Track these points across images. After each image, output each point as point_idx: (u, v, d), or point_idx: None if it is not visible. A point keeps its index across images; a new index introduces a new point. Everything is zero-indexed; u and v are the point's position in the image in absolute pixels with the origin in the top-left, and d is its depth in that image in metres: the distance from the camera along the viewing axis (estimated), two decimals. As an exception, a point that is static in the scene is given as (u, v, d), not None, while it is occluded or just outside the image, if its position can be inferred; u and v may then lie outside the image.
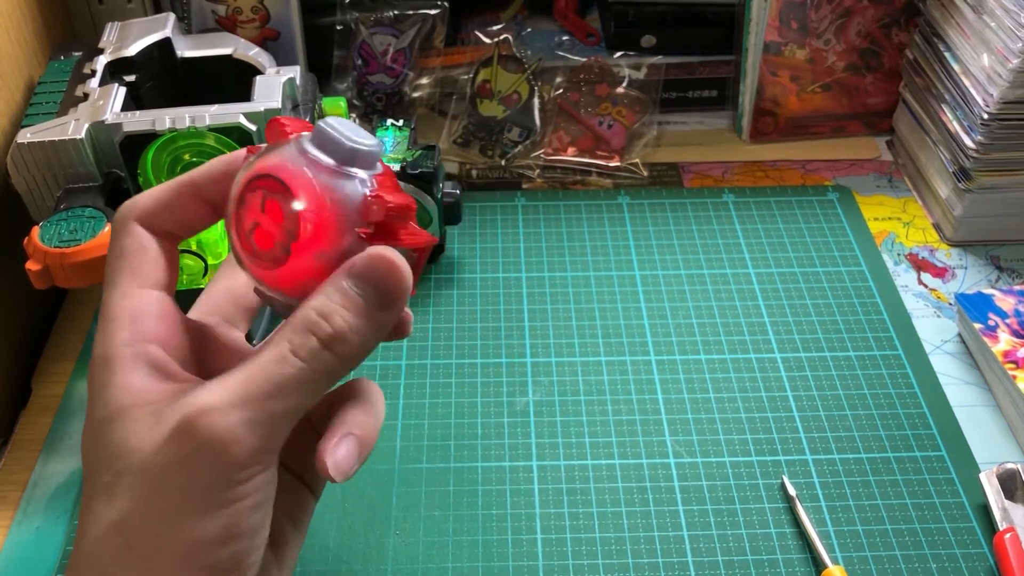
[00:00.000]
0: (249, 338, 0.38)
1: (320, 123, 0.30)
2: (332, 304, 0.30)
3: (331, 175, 0.30)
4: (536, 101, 0.71)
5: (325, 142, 0.30)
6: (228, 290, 0.37)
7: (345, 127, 0.30)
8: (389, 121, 0.62)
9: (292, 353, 0.29)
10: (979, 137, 0.61)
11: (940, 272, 0.63)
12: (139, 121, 0.51)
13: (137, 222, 0.33)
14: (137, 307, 0.32)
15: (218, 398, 0.29)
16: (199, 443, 0.28)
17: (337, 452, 0.31)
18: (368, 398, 0.33)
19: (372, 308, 0.30)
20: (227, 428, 0.28)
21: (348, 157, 0.30)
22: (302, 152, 0.30)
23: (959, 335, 0.59)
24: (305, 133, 0.31)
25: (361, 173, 0.30)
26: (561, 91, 0.73)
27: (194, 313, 0.36)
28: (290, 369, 0.29)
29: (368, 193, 0.30)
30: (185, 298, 0.37)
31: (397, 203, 0.30)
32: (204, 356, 0.34)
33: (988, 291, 0.58)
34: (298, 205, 0.29)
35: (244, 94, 0.54)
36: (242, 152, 0.33)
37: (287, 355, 0.29)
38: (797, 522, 0.48)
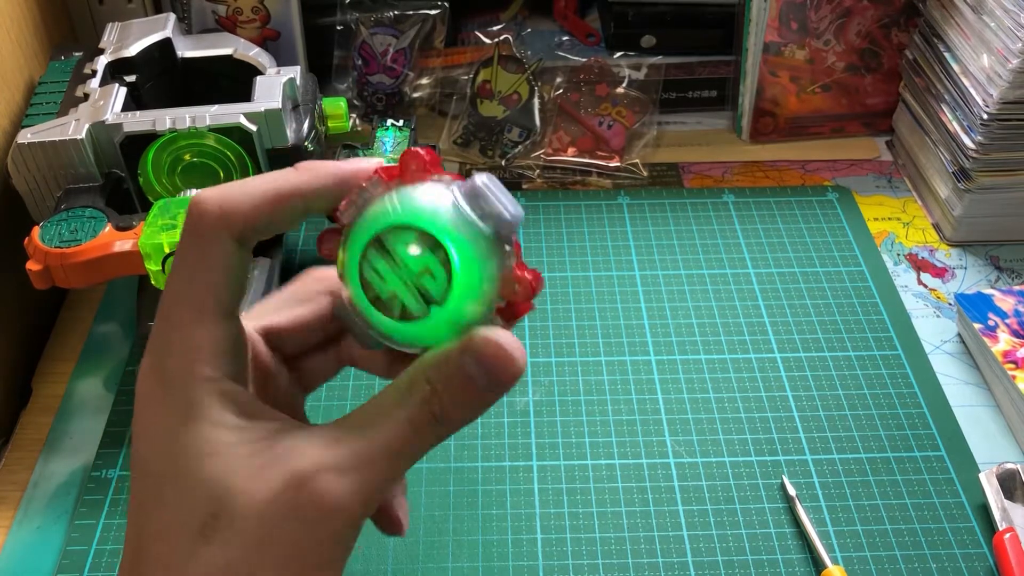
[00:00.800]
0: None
1: (479, 183, 0.29)
2: (447, 379, 0.30)
3: (488, 243, 0.29)
4: (536, 101, 0.71)
5: (480, 203, 0.29)
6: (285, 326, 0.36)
7: (499, 190, 0.29)
8: (389, 121, 0.62)
9: (408, 421, 0.30)
10: (979, 137, 0.61)
11: (940, 272, 0.63)
12: (139, 121, 0.51)
13: (231, 236, 0.30)
14: (218, 340, 0.30)
15: (330, 458, 0.29)
16: (312, 503, 0.28)
17: (405, 515, 0.34)
18: None
19: (482, 390, 0.30)
20: (341, 492, 0.28)
21: (503, 226, 0.29)
22: (459, 210, 0.29)
23: (959, 335, 0.59)
24: (456, 183, 0.30)
25: (508, 246, 0.30)
26: (561, 91, 0.73)
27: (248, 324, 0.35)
28: (405, 437, 0.30)
29: (514, 270, 0.30)
30: None
31: (538, 285, 0.30)
32: (265, 384, 0.34)
33: (988, 291, 0.58)
34: (455, 272, 0.29)
35: (244, 94, 0.54)
36: (359, 165, 0.31)
37: (402, 422, 0.30)
38: (797, 522, 0.48)
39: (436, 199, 0.29)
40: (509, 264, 0.30)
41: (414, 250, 0.29)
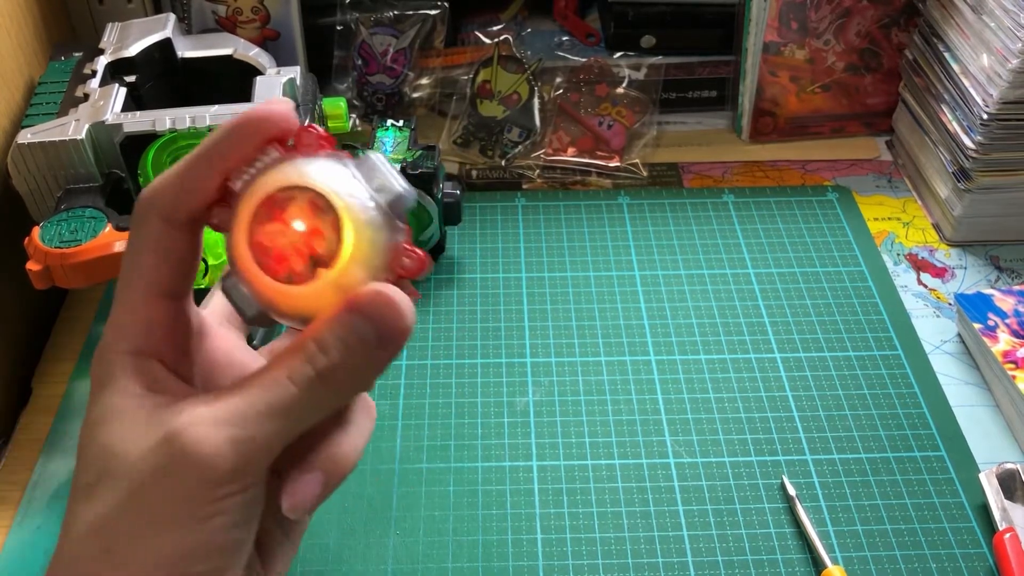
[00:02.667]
0: (249, 340, 0.38)
1: (370, 155, 0.30)
2: (332, 337, 0.29)
3: (380, 214, 0.30)
4: (536, 101, 0.71)
5: (373, 177, 0.30)
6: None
7: (389, 166, 0.30)
8: (389, 121, 0.62)
9: (288, 379, 0.29)
10: (979, 137, 0.61)
11: (940, 272, 0.63)
12: (139, 121, 0.51)
13: (158, 216, 0.31)
14: (149, 318, 0.31)
15: (207, 413, 0.29)
16: (181, 454, 0.28)
17: (295, 494, 0.31)
18: (351, 419, 0.33)
19: (370, 346, 0.29)
20: (211, 443, 0.28)
21: (394, 200, 0.30)
22: (354, 177, 0.30)
23: (959, 335, 0.59)
24: (350, 160, 0.30)
25: (400, 222, 0.30)
26: (561, 91, 0.73)
27: (203, 311, 0.36)
28: (282, 394, 0.29)
29: (404, 245, 0.30)
30: None
31: (426, 264, 0.30)
32: (210, 368, 0.34)
33: (988, 291, 0.58)
34: (346, 235, 0.29)
35: (244, 94, 0.54)
36: (252, 119, 0.31)
37: (282, 380, 0.29)
38: (797, 522, 0.48)
39: (331, 168, 0.30)
40: (399, 239, 0.30)
41: (306, 211, 0.29)
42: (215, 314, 0.36)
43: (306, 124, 0.31)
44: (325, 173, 0.29)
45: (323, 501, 0.32)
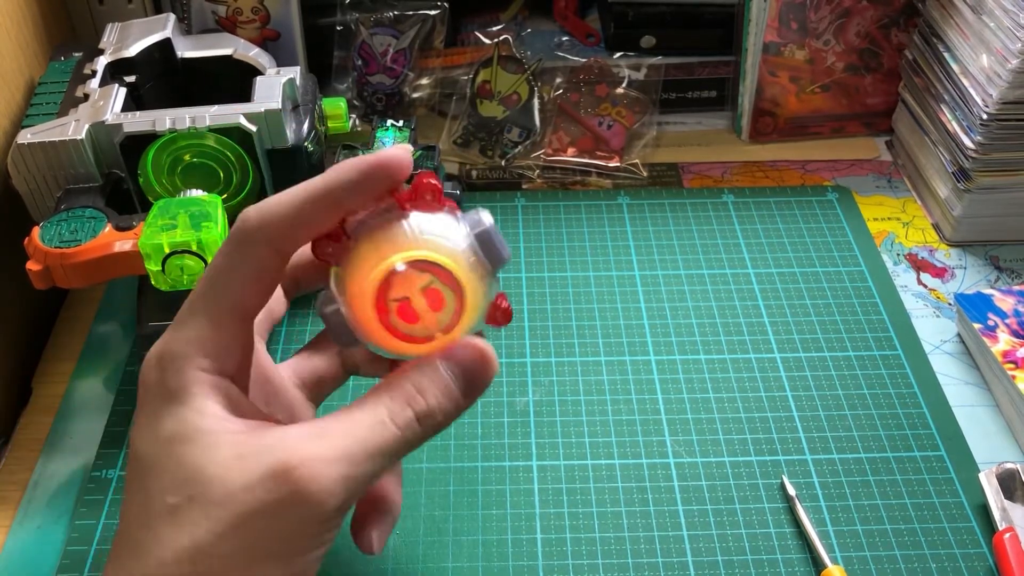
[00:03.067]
0: None
1: (488, 225, 0.32)
2: (428, 383, 0.32)
3: (489, 280, 0.33)
4: (536, 101, 0.71)
5: (487, 244, 0.32)
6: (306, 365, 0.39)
7: (497, 231, 0.33)
8: (389, 121, 0.62)
9: (391, 420, 0.31)
10: (978, 137, 0.61)
11: (939, 272, 0.63)
12: (139, 122, 0.51)
13: (267, 243, 0.31)
14: (233, 339, 0.32)
15: (320, 452, 0.29)
16: (296, 491, 0.29)
17: (382, 539, 0.36)
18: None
19: (460, 394, 0.32)
20: (326, 482, 0.29)
21: (499, 264, 0.33)
22: (473, 250, 0.32)
23: (958, 335, 0.59)
24: (463, 218, 0.33)
25: (497, 280, 0.33)
26: (561, 91, 0.73)
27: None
28: (386, 436, 0.31)
29: (501, 303, 0.34)
30: (182, 297, 0.37)
31: (511, 316, 0.34)
32: (269, 398, 0.36)
33: (987, 291, 0.58)
34: (467, 313, 0.32)
35: (244, 95, 0.54)
36: (382, 166, 0.32)
37: (386, 421, 0.31)
38: (797, 522, 0.48)
39: (452, 235, 0.32)
40: (496, 295, 0.33)
41: (435, 283, 0.31)
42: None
43: (421, 171, 0.33)
44: (450, 244, 0.32)
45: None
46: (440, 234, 0.32)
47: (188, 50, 0.60)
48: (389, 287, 0.31)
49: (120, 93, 0.54)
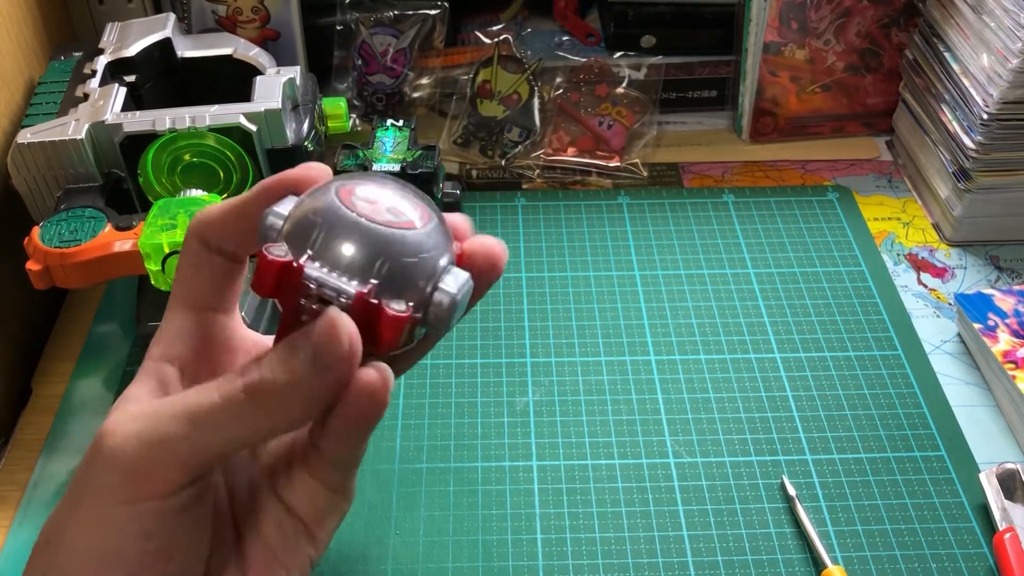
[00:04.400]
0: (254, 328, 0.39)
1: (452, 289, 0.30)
2: (271, 356, 0.29)
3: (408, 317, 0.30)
4: (536, 101, 0.71)
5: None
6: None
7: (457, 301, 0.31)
8: (389, 121, 0.62)
9: (215, 388, 0.29)
10: (979, 137, 0.61)
11: (940, 272, 0.63)
12: (139, 121, 0.51)
13: (196, 238, 0.34)
14: (175, 328, 0.34)
15: (131, 409, 0.30)
16: (95, 444, 0.30)
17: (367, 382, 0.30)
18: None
19: (304, 367, 0.28)
20: (119, 435, 0.29)
21: (421, 302, 0.30)
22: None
23: (959, 335, 0.59)
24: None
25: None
26: (561, 91, 0.73)
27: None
28: (201, 401, 0.29)
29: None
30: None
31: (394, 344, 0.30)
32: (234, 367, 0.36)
33: (988, 291, 0.58)
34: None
35: (244, 94, 0.54)
36: (295, 172, 0.32)
37: (210, 388, 0.29)
38: (797, 522, 0.48)
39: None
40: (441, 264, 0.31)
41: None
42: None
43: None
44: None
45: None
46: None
47: (188, 50, 0.60)
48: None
49: (120, 93, 0.54)
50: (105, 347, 0.58)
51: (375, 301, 0.29)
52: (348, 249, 0.29)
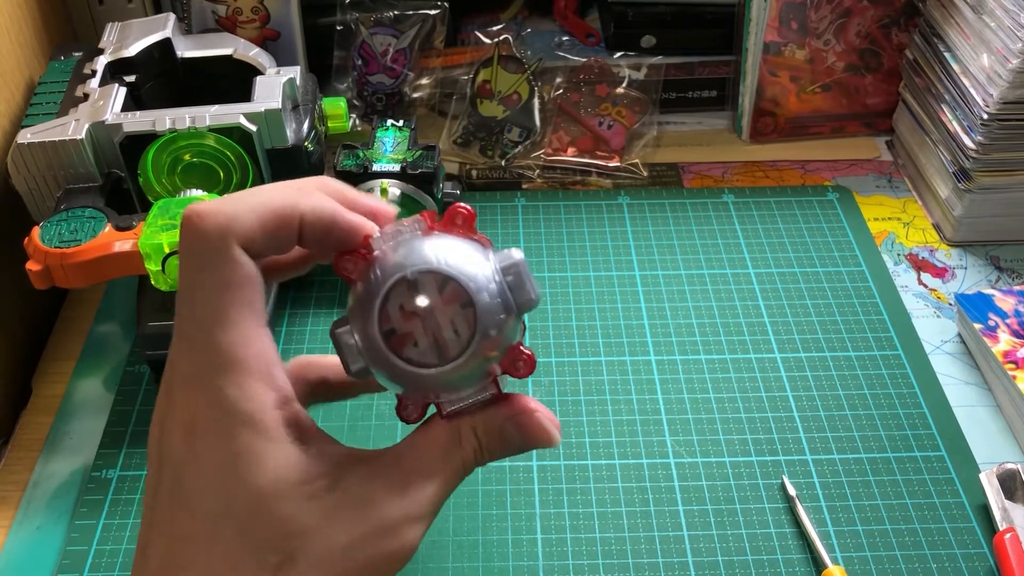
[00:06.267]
0: None
1: (518, 260, 0.31)
2: (491, 437, 0.33)
3: (513, 321, 0.31)
4: (536, 101, 0.71)
5: (515, 280, 0.30)
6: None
7: (527, 269, 0.31)
8: (389, 121, 0.62)
9: (456, 473, 0.33)
10: (979, 137, 0.61)
11: (940, 272, 0.63)
12: (139, 121, 0.51)
13: (240, 246, 0.29)
14: (268, 356, 0.30)
15: (412, 509, 0.31)
16: (400, 554, 0.31)
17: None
18: None
19: (514, 451, 0.34)
20: (417, 540, 0.32)
21: (525, 304, 0.31)
22: (497, 284, 0.30)
23: (959, 335, 0.59)
24: (492, 252, 0.31)
25: (522, 324, 0.32)
26: (561, 91, 0.73)
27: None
28: (454, 483, 0.33)
29: (520, 347, 0.31)
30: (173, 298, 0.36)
31: (534, 366, 0.32)
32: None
33: (988, 291, 0.58)
34: (477, 334, 0.30)
35: (244, 94, 0.54)
36: (355, 201, 0.32)
37: (455, 473, 0.33)
38: (797, 522, 0.48)
39: (477, 261, 0.30)
40: (518, 340, 0.31)
41: (447, 301, 0.29)
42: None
43: (457, 204, 0.32)
44: (473, 265, 0.30)
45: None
46: (463, 256, 0.30)
47: (188, 50, 0.60)
48: (396, 298, 0.29)
49: (120, 93, 0.54)
50: (105, 347, 0.58)
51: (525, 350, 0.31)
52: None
